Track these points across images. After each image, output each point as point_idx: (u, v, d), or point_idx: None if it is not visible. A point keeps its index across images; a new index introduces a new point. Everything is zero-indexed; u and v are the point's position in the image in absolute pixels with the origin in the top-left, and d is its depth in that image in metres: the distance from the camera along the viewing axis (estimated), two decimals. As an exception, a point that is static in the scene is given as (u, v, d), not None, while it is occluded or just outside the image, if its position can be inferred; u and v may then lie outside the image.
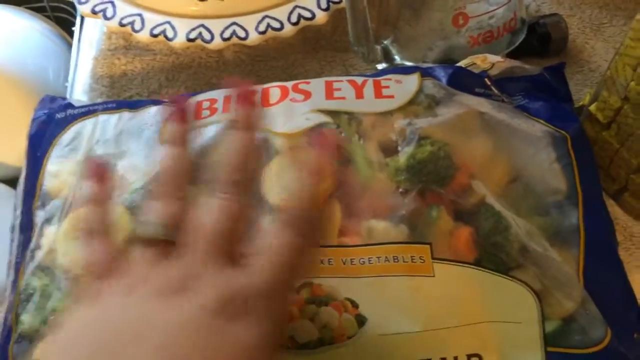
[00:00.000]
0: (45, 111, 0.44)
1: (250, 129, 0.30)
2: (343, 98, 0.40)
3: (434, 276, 0.35)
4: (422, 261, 0.35)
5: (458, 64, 0.44)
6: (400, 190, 0.38)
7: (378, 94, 0.41)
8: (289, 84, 0.42)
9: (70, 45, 0.65)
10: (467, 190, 0.38)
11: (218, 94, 0.42)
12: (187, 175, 0.30)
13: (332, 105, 0.40)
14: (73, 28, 0.60)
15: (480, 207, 0.38)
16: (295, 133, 0.39)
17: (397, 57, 0.49)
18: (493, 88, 0.44)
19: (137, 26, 0.48)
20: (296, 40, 0.53)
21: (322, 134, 0.33)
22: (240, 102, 0.30)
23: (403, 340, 0.34)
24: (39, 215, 0.39)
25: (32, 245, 0.38)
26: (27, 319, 0.35)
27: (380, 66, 0.50)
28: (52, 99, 0.45)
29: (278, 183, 0.38)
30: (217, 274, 0.26)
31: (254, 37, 0.48)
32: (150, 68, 0.52)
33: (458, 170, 0.38)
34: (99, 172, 0.30)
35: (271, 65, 0.52)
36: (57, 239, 0.37)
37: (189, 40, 0.48)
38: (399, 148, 0.38)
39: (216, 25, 0.48)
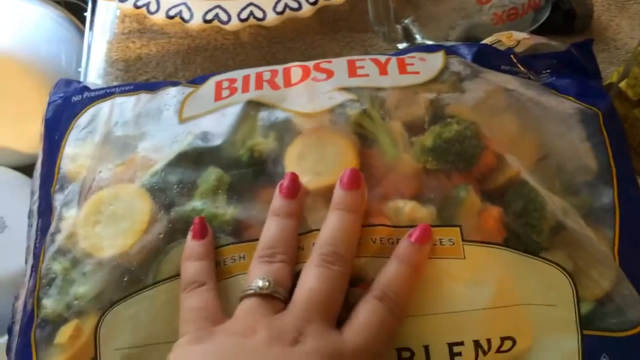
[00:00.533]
0: (61, 94, 0.43)
1: (357, 212, 0.34)
2: (366, 75, 0.39)
3: (464, 258, 0.34)
4: (451, 243, 0.34)
5: (483, 42, 0.43)
6: (427, 170, 0.37)
7: (402, 71, 0.40)
8: (310, 64, 0.41)
9: (81, 32, 0.64)
10: (495, 169, 0.37)
11: (237, 74, 0.41)
12: (295, 243, 0.34)
13: (355, 82, 0.39)
14: (85, 14, 0.59)
15: (510, 185, 0.37)
16: (318, 112, 0.38)
17: (418, 37, 0.48)
18: (519, 65, 0.42)
19: (153, 8, 0.48)
20: (313, 21, 0.52)
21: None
22: (349, 185, 0.34)
23: (434, 322, 0.33)
24: (58, 199, 0.38)
25: (52, 229, 0.37)
26: (50, 304, 0.34)
27: (401, 46, 0.49)
28: (68, 82, 0.44)
29: (300, 163, 0.37)
30: (321, 333, 0.30)
31: (271, 18, 0.47)
32: (165, 51, 0.51)
33: (485, 149, 0.37)
34: (201, 229, 0.34)
35: (289, 47, 0.51)
36: (77, 223, 0.36)
37: (206, 21, 0.47)
38: (426, 126, 0.37)
39: (233, 6, 0.47)
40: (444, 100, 0.38)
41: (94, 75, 0.52)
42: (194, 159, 0.37)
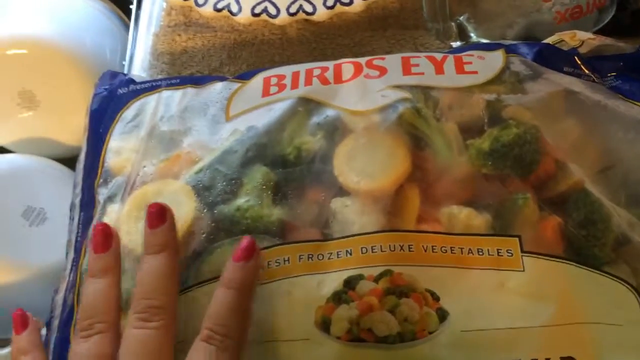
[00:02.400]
0: (107, 87, 0.43)
1: (166, 250, 0.32)
2: (422, 74, 0.38)
3: (523, 271, 0.32)
4: (509, 255, 0.32)
5: (545, 41, 0.41)
6: (483, 175, 0.35)
7: (460, 70, 0.38)
8: (362, 60, 0.39)
9: (126, 25, 0.64)
10: (555, 176, 0.35)
11: (286, 70, 0.40)
12: (115, 301, 0.32)
13: (409, 80, 0.37)
14: (130, 6, 0.59)
15: (571, 195, 0.34)
16: (370, 111, 0.36)
17: (473, 35, 0.46)
18: (583, 67, 0.40)
19: (201, 0, 0.47)
20: (362, 18, 0.51)
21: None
22: (150, 222, 0.32)
23: (488, 338, 0.31)
24: (101, 193, 0.37)
25: (94, 223, 0.36)
26: (90, 300, 0.34)
27: (455, 44, 0.47)
28: (114, 74, 0.44)
29: (350, 164, 0.35)
30: None
31: (321, 12, 0.46)
32: (211, 45, 0.51)
33: (545, 155, 0.35)
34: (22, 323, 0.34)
35: (337, 44, 0.50)
36: (120, 218, 0.35)
37: (254, 15, 0.46)
38: (484, 128, 0.35)
39: (282, 0, 0.46)
40: (503, 101, 0.36)
41: (138, 68, 0.51)
42: (240, 156, 0.36)
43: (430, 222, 0.34)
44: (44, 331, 0.37)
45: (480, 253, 0.33)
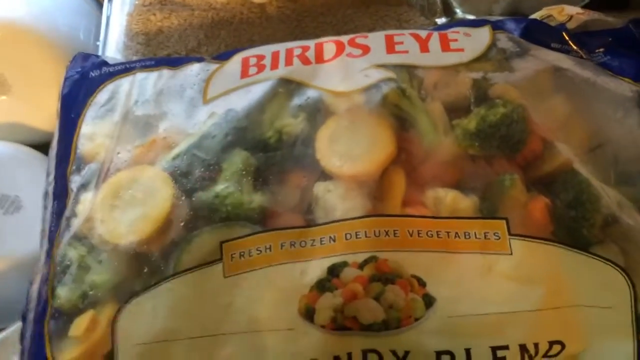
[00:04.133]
0: (79, 69, 0.41)
1: None
2: (406, 52, 0.36)
3: (511, 254, 0.31)
4: (497, 238, 0.32)
5: (532, 16, 0.40)
6: (470, 156, 0.34)
7: (445, 47, 0.36)
8: (345, 38, 0.38)
9: (100, 4, 0.61)
10: (542, 156, 0.34)
11: (265, 50, 0.38)
12: None
13: (393, 59, 0.36)
14: (104, -15, 0.56)
15: (559, 175, 0.34)
16: (353, 91, 0.35)
17: (458, 11, 0.45)
18: (571, 43, 0.39)
19: (175, -23, 0.45)
20: (345, -7, 0.49)
21: None
22: None
23: (476, 324, 0.30)
24: (74, 181, 0.36)
25: (67, 212, 0.35)
26: (64, 293, 0.32)
27: (439, 21, 0.45)
28: (86, 56, 0.42)
29: (332, 147, 0.34)
30: None
31: (301, -11, 0.44)
32: (187, 24, 0.49)
33: (532, 134, 0.34)
34: None
35: (319, 22, 0.48)
36: (94, 206, 0.34)
37: (231, -8, 0.44)
38: (471, 107, 0.34)
39: (260, -24, 0.44)
40: (490, 80, 0.35)
41: (112, 49, 0.49)
42: (218, 140, 0.34)
43: (415, 206, 0.33)
44: (19, 323, 0.36)
45: (467, 237, 0.32)
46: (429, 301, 0.30)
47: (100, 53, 0.51)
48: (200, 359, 0.30)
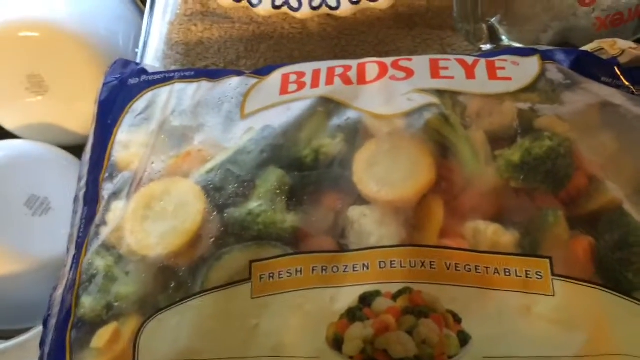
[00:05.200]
0: (117, 76, 0.41)
1: None
2: (451, 77, 0.35)
3: (553, 295, 0.30)
4: (539, 277, 0.30)
5: (583, 48, 0.39)
6: (512, 189, 0.33)
7: (492, 75, 0.35)
8: (388, 60, 0.37)
9: (142, 11, 0.62)
10: (586, 193, 0.33)
11: (306, 67, 0.38)
12: None
13: (438, 84, 0.35)
14: (146, -8, 0.57)
15: (604, 214, 0.32)
16: (395, 115, 0.34)
17: (504, 38, 0.44)
18: (623, 78, 0.38)
19: (219, -11, 0.44)
20: (388, 15, 0.48)
21: None
22: None
23: (513, 366, 0.29)
24: (106, 188, 0.35)
25: (97, 220, 0.34)
26: (89, 302, 0.32)
27: (484, 47, 0.44)
28: (125, 63, 0.42)
29: (371, 170, 0.33)
30: None
31: (345, 8, 0.43)
32: (228, 37, 0.48)
33: (578, 169, 0.33)
34: None
35: (360, 40, 0.48)
36: (125, 216, 0.33)
37: (275, 7, 0.43)
38: (517, 138, 0.33)
39: (305, -7, 0.44)
40: (537, 111, 0.34)
41: (151, 57, 0.49)
42: (254, 157, 0.34)
43: (454, 238, 0.31)
44: (40, 328, 0.35)
45: (507, 274, 0.30)
46: (464, 339, 0.29)
47: (139, 60, 0.51)
48: (223, 382, 0.29)
